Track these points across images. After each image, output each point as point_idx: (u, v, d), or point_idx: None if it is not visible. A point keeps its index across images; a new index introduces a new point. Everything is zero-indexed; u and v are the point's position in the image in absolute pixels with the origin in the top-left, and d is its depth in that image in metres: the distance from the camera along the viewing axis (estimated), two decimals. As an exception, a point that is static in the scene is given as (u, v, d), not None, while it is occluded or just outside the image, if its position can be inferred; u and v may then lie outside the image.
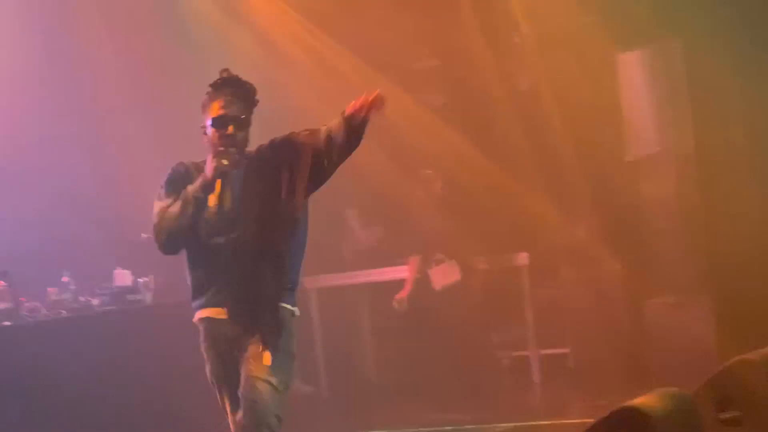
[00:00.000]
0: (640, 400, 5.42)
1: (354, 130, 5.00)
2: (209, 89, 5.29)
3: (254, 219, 5.23)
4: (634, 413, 5.30)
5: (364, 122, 5.00)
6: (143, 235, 9.13)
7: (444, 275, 10.73)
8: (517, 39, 11.23)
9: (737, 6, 9.35)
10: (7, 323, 7.63)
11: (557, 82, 10.47)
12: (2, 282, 7.95)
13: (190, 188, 5.12)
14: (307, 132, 5.20)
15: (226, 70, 5.34)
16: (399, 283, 11.00)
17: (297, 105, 9.73)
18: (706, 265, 9.93)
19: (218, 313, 5.24)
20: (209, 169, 5.09)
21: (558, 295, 10.88)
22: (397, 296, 10.87)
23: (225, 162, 5.06)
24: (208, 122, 5.19)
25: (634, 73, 10.11)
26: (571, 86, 10.19)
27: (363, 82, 10.52)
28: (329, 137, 5.07)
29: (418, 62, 12.32)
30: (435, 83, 12.19)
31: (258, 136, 5.44)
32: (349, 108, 4.97)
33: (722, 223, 9.58)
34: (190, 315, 8.16)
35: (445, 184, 11.11)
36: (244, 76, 5.41)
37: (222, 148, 5.10)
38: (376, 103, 4.98)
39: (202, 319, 5.33)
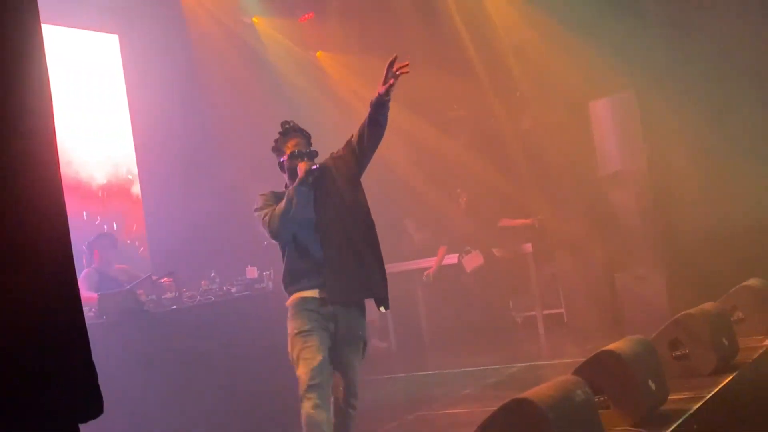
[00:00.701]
0: (614, 345, 5.75)
1: (376, 109, 4.68)
2: (280, 133, 5.02)
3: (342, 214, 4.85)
4: (611, 354, 5.64)
5: (381, 103, 4.66)
6: (265, 243, 9.49)
7: (472, 261, 10.76)
8: (518, 93, 11.16)
9: (674, 65, 9.40)
10: (174, 307, 7.35)
11: (548, 123, 10.50)
12: (170, 279, 7.78)
13: (290, 189, 4.79)
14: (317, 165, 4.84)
15: (288, 121, 5.06)
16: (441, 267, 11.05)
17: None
18: (660, 247, 9.93)
19: (315, 293, 4.75)
20: (301, 172, 4.75)
21: (555, 272, 10.94)
22: (426, 272, 11.10)
23: (309, 162, 4.78)
24: (285, 157, 4.91)
25: (602, 115, 9.97)
26: (558, 125, 10.25)
27: (411, 126, 10.80)
28: (359, 130, 4.80)
29: (451, 112, 12.23)
30: (462, 126, 12.03)
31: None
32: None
33: (669, 218, 9.64)
34: None
35: (469, 198, 11.11)
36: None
37: (304, 160, 4.81)
38: (401, 70, 4.63)
39: (301, 299, 4.78)
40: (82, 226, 8.84)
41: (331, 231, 4.77)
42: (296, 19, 11.84)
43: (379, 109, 4.66)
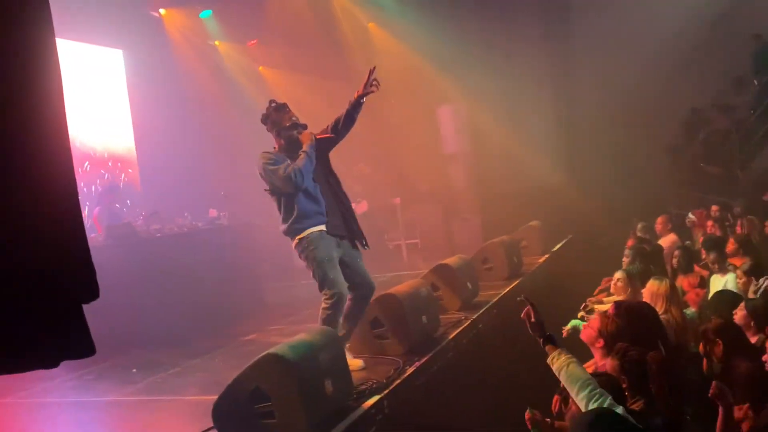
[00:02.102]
0: (447, 260, 5.93)
1: (354, 107, 4.18)
2: (273, 108, 4.25)
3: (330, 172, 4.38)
4: (445, 266, 5.81)
5: (359, 103, 4.16)
6: (222, 193, 9.25)
7: (360, 208, 10.81)
8: (392, 100, 10.79)
9: (487, 82, 9.52)
10: (158, 235, 7.00)
11: (411, 122, 10.37)
12: (154, 216, 7.38)
13: (306, 150, 4.10)
14: (330, 135, 4.28)
15: (274, 100, 4.32)
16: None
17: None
18: (478, 201, 10.01)
19: (324, 228, 4.16)
20: (306, 142, 4.12)
21: (413, 216, 10.79)
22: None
23: (313, 135, 4.18)
24: (289, 123, 4.19)
25: (445, 116, 10.24)
26: (416, 123, 10.26)
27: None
28: (335, 120, 4.26)
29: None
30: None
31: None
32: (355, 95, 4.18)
33: (484, 182, 9.85)
34: (248, 231, 8.20)
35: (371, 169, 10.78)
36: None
37: (306, 131, 4.18)
38: (373, 85, 4.13)
39: (319, 232, 4.14)
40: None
41: (325, 184, 4.29)
42: (245, 44, 11.48)
43: (357, 108, 4.20)
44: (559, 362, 2.74)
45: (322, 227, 4.17)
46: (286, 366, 3.16)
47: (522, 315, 2.92)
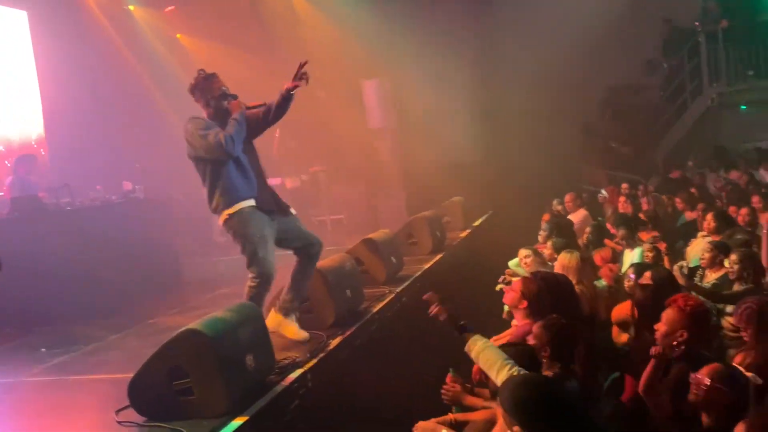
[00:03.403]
0: (372, 234, 5.92)
1: (286, 99, 4.00)
2: (203, 77, 4.01)
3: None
4: (371, 240, 5.78)
5: (289, 95, 3.98)
6: (137, 165, 8.93)
7: (290, 183, 10.51)
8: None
9: (421, 57, 9.47)
10: (68, 209, 6.72)
11: (337, 96, 10.04)
12: (64, 189, 6.99)
13: (237, 116, 3.90)
14: (261, 103, 4.06)
15: (202, 69, 4.09)
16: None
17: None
18: (402, 176, 10.03)
19: (254, 202, 3.97)
20: (236, 110, 3.92)
21: (339, 194, 10.56)
22: None
23: (243, 104, 3.99)
24: (219, 93, 3.97)
25: (370, 90, 10.09)
26: (341, 97, 10.00)
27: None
28: (267, 107, 4.05)
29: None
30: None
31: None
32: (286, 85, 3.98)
33: (408, 158, 9.76)
34: (165, 205, 7.92)
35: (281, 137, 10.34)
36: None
37: (236, 101, 3.97)
38: (302, 78, 3.95)
39: (250, 207, 3.94)
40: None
41: (252, 156, 4.10)
42: (162, 9, 10.97)
43: (287, 100, 4.01)
44: (476, 348, 2.82)
45: (253, 202, 3.99)
46: (204, 341, 3.08)
47: (430, 313, 2.94)
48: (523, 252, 5.47)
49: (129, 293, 6.43)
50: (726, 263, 4.42)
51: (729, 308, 4.12)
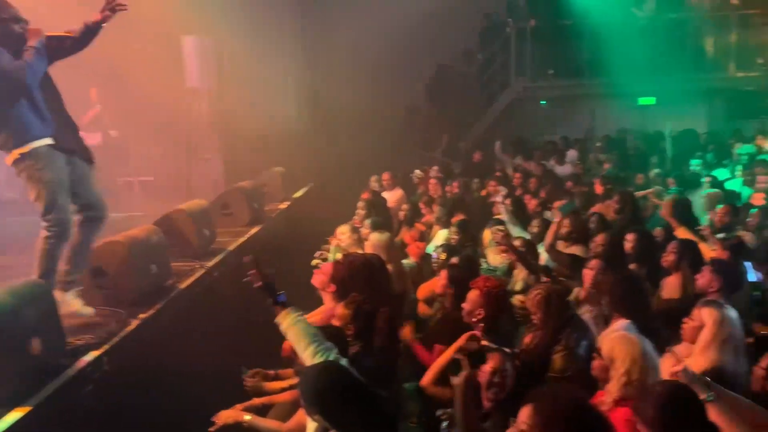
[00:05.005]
0: (184, 205, 5.62)
1: (91, 31, 3.80)
2: None
3: None
4: (182, 211, 5.49)
5: (97, 27, 3.79)
6: None
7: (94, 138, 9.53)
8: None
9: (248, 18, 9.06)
10: None
11: (152, 51, 8.83)
12: None
13: (32, 44, 3.55)
14: (63, 33, 3.80)
15: None
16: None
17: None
18: (220, 141, 9.38)
19: (50, 141, 3.65)
20: (35, 37, 3.60)
21: (149, 154, 9.62)
22: None
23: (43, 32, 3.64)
24: (5, 16, 3.61)
25: (191, 49, 9.56)
26: (157, 52, 9.08)
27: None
28: (66, 37, 3.78)
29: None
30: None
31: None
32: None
33: (229, 122, 9.24)
34: None
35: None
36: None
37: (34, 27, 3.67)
38: (120, 7, 3.77)
39: (46, 147, 3.62)
40: None
41: (50, 90, 3.74)
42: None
43: (93, 33, 3.78)
44: (287, 321, 2.81)
45: (50, 140, 3.63)
46: (-21, 326, 2.76)
47: (248, 279, 2.90)
48: (341, 229, 5.58)
49: None
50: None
51: (518, 286, 4.66)
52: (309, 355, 2.71)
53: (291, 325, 2.79)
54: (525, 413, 2.07)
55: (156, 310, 4.13)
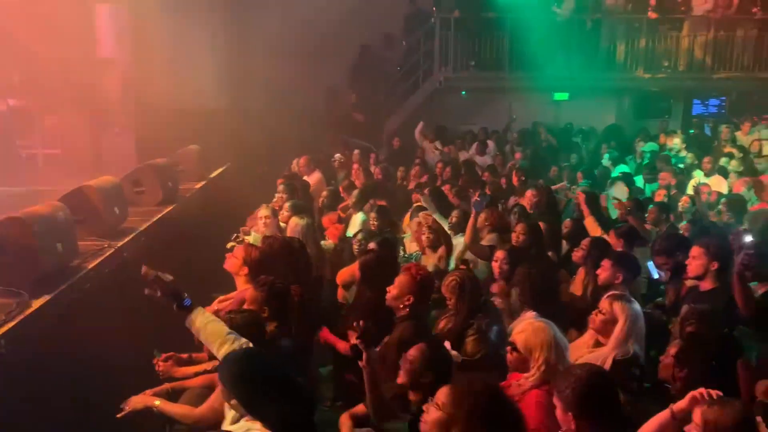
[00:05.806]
0: (93, 181, 5.38)
1: None
2: None
3: None
4: (89, 187, 5.26)
5: None
6: None
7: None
8: None
9: None
10: None
11: (61, 17, 8.34)
12: None
13: None
14: None
15: None
16: None
17: None
18: (132, 115, 8.95)
19: None
20: None
21: (55, 125, 9.13)
22: None
23: None
24: None
25: (104, 16, 9.12)
26: (67, 19, 8.63)
27: None
28: None
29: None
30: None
31: None
32: None
33: (142, 96, 8.76)
34: None
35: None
36: None
37: None
38: None
39: None
40: None
41: None
42: None
43: None
44: (196, 324, 2.82)
45: None
46: None
47: (146, 292, 2.87)
48: (262, 211, 5.51)
49: None
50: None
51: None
52: (223, 354, 2.72)
53: (202, 327, 2.80)
54: (441, 393, 2.22)
55: (60, 290, 3.92)
